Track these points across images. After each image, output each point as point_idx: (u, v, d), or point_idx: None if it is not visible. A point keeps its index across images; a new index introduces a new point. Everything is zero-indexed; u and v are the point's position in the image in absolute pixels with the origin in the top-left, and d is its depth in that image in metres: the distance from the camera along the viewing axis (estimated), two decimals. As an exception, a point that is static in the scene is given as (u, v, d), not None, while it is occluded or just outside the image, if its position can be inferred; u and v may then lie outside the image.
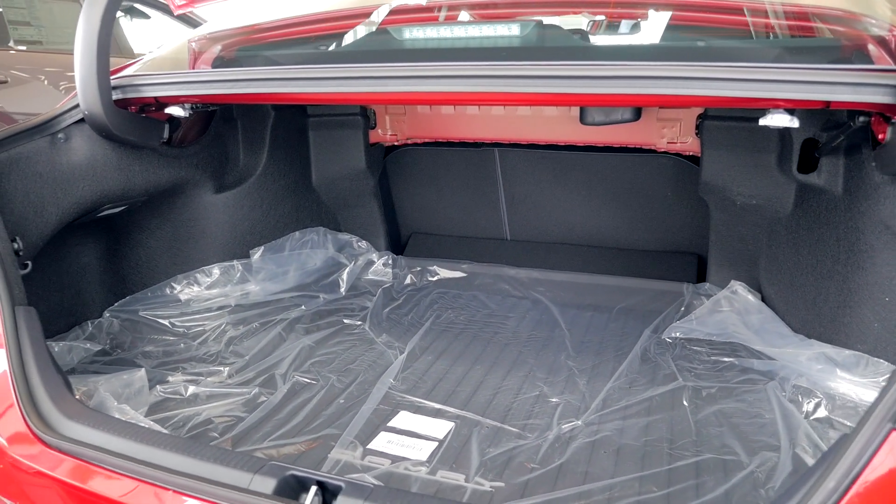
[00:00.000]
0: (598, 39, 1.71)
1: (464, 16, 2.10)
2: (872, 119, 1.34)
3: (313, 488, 1.08)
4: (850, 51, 1.49)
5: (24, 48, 4.53)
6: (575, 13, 1.66)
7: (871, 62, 1.40)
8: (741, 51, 1.58)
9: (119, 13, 5.42)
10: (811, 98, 1.20)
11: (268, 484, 1.09)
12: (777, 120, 1.42)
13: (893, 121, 1.20)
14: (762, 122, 1.45)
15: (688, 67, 1.24)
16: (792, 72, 1.20)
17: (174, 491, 1.11)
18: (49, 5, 4.80)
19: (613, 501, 1.40)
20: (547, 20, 1.72)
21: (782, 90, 1.20)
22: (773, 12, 1.60)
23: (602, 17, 1.75)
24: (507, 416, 1.73)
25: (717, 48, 1.62)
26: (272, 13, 2.33)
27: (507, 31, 1.66)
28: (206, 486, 1.09)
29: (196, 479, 1.10)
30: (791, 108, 1.40)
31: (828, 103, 1.22)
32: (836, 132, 1.60)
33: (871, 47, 1.45)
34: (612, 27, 1.72)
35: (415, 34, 1.87)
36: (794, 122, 1.42)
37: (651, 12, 1.60)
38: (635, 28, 1.62)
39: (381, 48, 1.95)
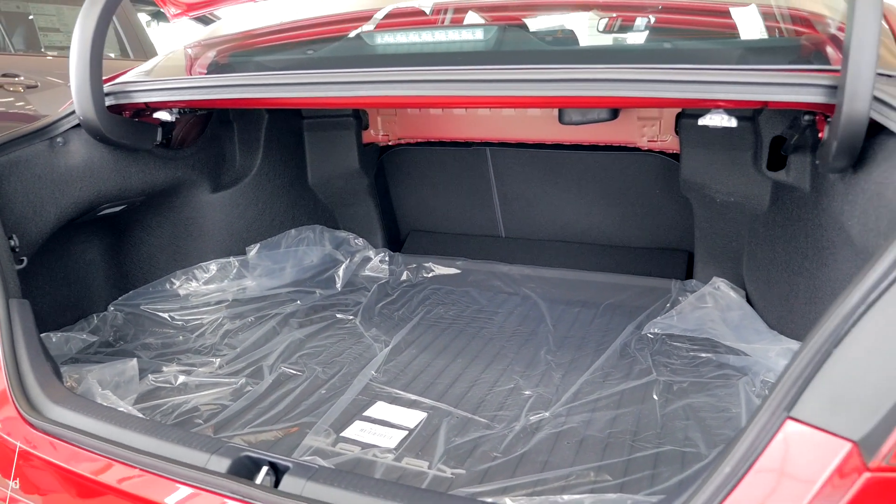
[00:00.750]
0: (556, 44, 1.75)
1: (450, 20, 2.16)
2: (817, 118, 1.36)
3: (264, 468, 1.16)
4: (808, 51, 1.51)
5: (55, 54, 4.72)
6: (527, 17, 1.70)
7: (828, 62, 1.42)
8: (695, 52, 1.60)
9: (146, 17, 5.63)
10: (749, 98, 1.22)
11: (223, 464, 1.17)
12: (715, 120, 1.45)
13: (829, 119, 1.22)
14: (701, 122, 1.48)
15: (628, 70, 1.27)
16: (730, 73, 1.23)
17: (140, 469, 1.21)
18: (77, 12, 4.97)
19: (568, 489, 1.45)
20: (522, 23, 1.77)
21: (720, 91, 1.23)
22: (731, 13, 1.62)
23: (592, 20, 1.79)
24: (478, 408, 1.78)
25: (671, 51, 1.64)
26: (275, 16, 2.42)
27: (473, 35, 1.71)
28: (168, 465, 1.17)
29: (159, 459, 1.19)
30: (731, 108, 1.42)
31: (765, 103, 1.25)
32: (793, 130, 1.62)
33: (829, 49, 1.46)
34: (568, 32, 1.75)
35: (398, 39, 1.93)
36: (731, 122, 1.44)
37: (611, 14, 1.64)
38: (592, 30, 1.66)
39: (367, 53, 2.02)
